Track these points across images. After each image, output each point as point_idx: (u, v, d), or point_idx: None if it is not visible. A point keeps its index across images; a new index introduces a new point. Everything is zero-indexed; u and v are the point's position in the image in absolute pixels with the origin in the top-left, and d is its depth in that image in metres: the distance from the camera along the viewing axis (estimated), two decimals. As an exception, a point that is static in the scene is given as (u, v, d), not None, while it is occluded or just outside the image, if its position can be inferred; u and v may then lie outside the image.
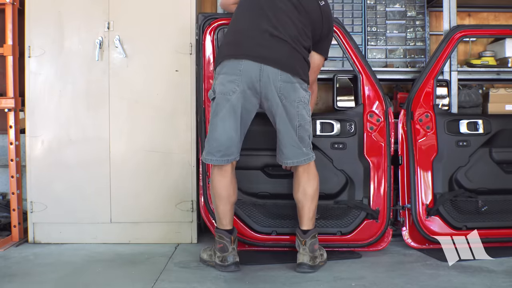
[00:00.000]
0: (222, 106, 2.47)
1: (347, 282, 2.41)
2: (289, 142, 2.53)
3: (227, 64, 2.49)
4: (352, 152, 2.87)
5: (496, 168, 2.97)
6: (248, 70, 2.45)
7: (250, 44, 2.48)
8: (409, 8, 3.50)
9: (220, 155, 2.51)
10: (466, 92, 3.29)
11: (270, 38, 2.48)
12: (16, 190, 3.09)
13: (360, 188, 2.88)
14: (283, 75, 2.48)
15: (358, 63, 2.89)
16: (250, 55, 2.46)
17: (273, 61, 2.46)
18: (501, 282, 2.38)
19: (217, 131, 2.50)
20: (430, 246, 2.91)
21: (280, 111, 2.50)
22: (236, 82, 2.45)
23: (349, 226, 2.85)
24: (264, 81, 2.46)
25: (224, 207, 2.57)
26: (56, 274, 2.55)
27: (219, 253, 2.54)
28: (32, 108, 3.06)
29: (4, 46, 3.04)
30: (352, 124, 2.89)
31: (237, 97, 2.45)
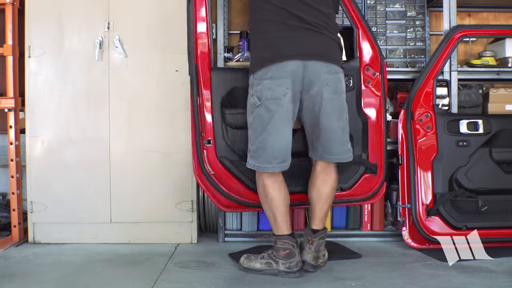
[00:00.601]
0: (274, 111, 2.40)
1: (347, 282, 2.41)
2: (335, 137, 2.49)
3: (271, 68, 2.40)
4: (351, 107, 2.76)
5: (496, 168, 2.97)
6: (294, 71, 2.39)
7: (288, 43, 2.41)
8: (409, 8, 3.50)
9: (278, 162, 2.44)
10: (466, 92, 3.29)
11: (306, 33, 2.42)
12: (16, 190, 3.09)
13: (359, 143, 2.83)
14: (329, 66, 2.44)
15: (355, 16, 2.81)
16: (293, 55, 2.39)
17: (315, 55, 2.42)
18: (501, 282, 2.38)
19: (272, 138, 2.42)
20: (430, 246, 2.91)
21: (329, 105, 2.45)
22: (285, 85, 2.39)
23: (349, 181, 2.84)
24: (309, 77, 2.41)
25: (283, 212, 2.50)
26: (56, 274, 2.55)
27: (285, 260, 2.47)
28: (32, 108, 3.06)
29: (4, 46, 3.04)
30: (350, 79, 2.79)
31: (288, 100, 2.40)
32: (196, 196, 3.11)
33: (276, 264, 2.49)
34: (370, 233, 3.20)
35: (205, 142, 2.72)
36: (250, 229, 3.21)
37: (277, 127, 2.41)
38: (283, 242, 2.48)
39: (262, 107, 2.42)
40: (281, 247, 2.49)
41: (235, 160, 2.75)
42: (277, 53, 2.41)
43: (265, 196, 2.50)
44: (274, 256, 2.50)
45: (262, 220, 3.21)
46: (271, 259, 2.51)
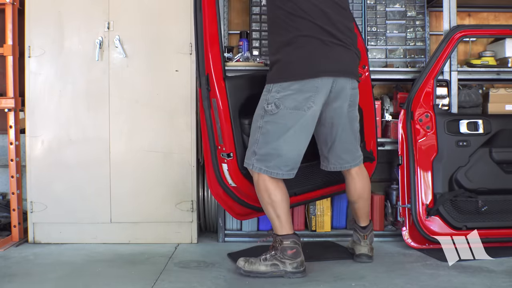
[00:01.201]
0: (295, 121, 2.42)
1: (347, 282, 2.41)
2: (350, 146, 2.61)
3: (301, 82, 2.41)
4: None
5: (496, 168, 2.97)
6: (323, 86, 2.43)
7: (322, 59, 2.43)
8: (409, 8, 3.50)
9: (288, 170, 2.47)
10: (466, 92, 3.29)
11: (338, 49, 2.47)
12: (16, 190, 3.09)
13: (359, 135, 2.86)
14: (353, 83, 2.54)
15: None
16: (325, 71, 2.42)
17: (345, 71, 2.49)
18: (501, 282, 2.38)
19: (288, 147, 2.44)
20: (430, 246, 2.91)
21: (345, 118, 2.54)
22: (312, 99, 2.42)
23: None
24: (335, 91, 2.47)
25: (286, 211, 2.51)
26: (56, 274, 2.55)
27: (292, 259, 2.46)
28: (32, 108, 3.06)
29: (4, 46, 3.04)
30: None
31: (312, 113, 2.43)
32: (196, 196, 3.11)
33: (283, 265, 2.47)
34: (370, 233, 3.20)
35: (225, 156, 2.62)
36: (250, 229, 3.21)
37: (296, 137, 2.45)
38: (290, 241, 2.48)
39: (280, 115, 2.42)
40: (288, 246, 2.48)
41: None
42: (310, 68, 2.42)
43: (268, 197, 2.50)
44: (279, 256, 2.48)
45: (262, 220, 3.21)
46: (276, 260, 2.48)
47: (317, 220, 3.19)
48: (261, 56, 3.46)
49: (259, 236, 3.16)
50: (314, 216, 3.19)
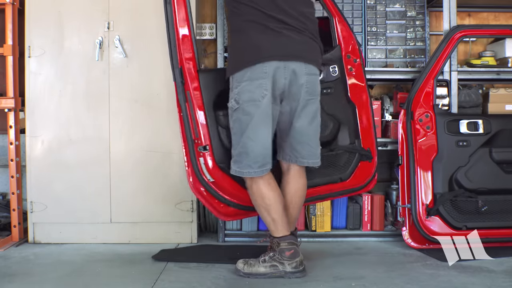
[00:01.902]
0: (253, 113, 2.36)
1: (347, 282, 2.41)
2: (309, 141, 2.49)
3: (250, 70, 2.37)
4: (339, 95, 2.76)
5: (496, 168, 2.97)
6: (276, 72, 2.37)
7: (270, 44, 2.38)
8: (409, 8, 3.50)
9: (258, 166, 2.41)
10: (466, 92, 3.29)
11: (286, 33, 2.40)
12: (16, 190, 3.09)
13: (352, 131, 2.81)
14: (308, 67, 2.44)
15: (331, 5, 2.79)
16: (275, 55, 2.37)
17: (296, 55, 2.40)
18: (501, 282, 2.38)
19: (252, 142, 2.39)
20: (430, 246, 2.91)
21: (305, 108, 2.44)
22: (264, 86, 2.35)
23: (347, 171, 2.80)
24: (289, 78, 2.39)
25: (281, 213, 2.47)
26: (56, 274, 2.55)
27: (290, 260, 2.45)
28: (32, 108, 3.06)
29: (4, 46, 3.04)
30: (335, 67, 2.75)
31: (267, 101, 2.37)
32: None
33: (282, 266, 2.46)
34: (370, 233, 3.20)
35: (201, 149, 2.61)
36: (250, 229, 3.21)
37: (256, 130, 2.38)
38: (288, 243, 2.47)
39: (240, 110, 2.39)
40: (286, 248, 2.46)
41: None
42: (257, 54, 2.37)
43: (262, 200, 2.47)
44: (278, 258, 2.47)
45: (261, 220, 3.20)
46: (275, 261, 2.47)
47: (317, 220, 3.19)
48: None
49: (259, 236, 3.16)
50: (314, 216, 3.19)
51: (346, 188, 2.84)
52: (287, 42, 2.41)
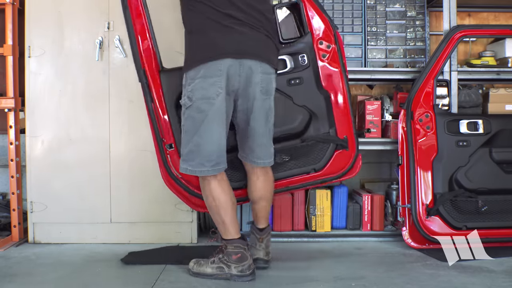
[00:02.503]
0: (206, 112, 2.34)
1: (347, 282, 2.41)
2: (263, 140, 2.47)
3: (204, 67, 2.34)
4: (310, 85, 2.70)
5: (496, 168, 2.97)
6: (229, 69, 2.34)
7: (223, 41, 2.35)
8: (409, 8, 3.50)
9: (212, 165, 2.38)
10: (466, 92, 3.29)
11: (241, 31, 2.37)
12: (16, 190, 3.09)
13: (325, 120, 2.75)
14: (263, 66, 2.41)
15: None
16: (229, 53, 2.34)
17: (250, 53, 2.38)
18: (501, 282, 2.38)
19: (205, 140, 2.36)
20: (430, 246, 2.91)
21: (259, 106, 2.42)
22: (218, 84, 2.33)
23: (321, 161, 2.76)
24: (244, 76, 2.37)
25: (232, 216, 2.45)
26: (56, 274, 2.55)
27: (237, 263, 2.41)
28: (32, 108, 3.06)
29: (4, 46, 3.04)
30: (304, 56, 2.69)
31: (221, 99, 2.34)
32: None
33: (228, 268, 2.43)
34: (370, 233, 3.20)
35: (167, 147, 2.66)
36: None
37: (210, 129, 2.35)
38: (234, 246, 2.43)
39: (193, 108, 2.36)
40: (233, 251, 2.42)
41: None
42: (211, 51, 2.35)
43: (212, 200, 2.43)
44: (225, 260, 2.43)
45: (262, 220, 3.21)
46: (223, 263, 2.44)
47: (317, 220, 3.19)
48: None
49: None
50: (314, 216, 3.19)
51: (322, 178, 2.80)
52: (242, 39, 2.38)
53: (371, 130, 3.21)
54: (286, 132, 2.69)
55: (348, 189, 3.31)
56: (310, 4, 2.69)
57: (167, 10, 3.01)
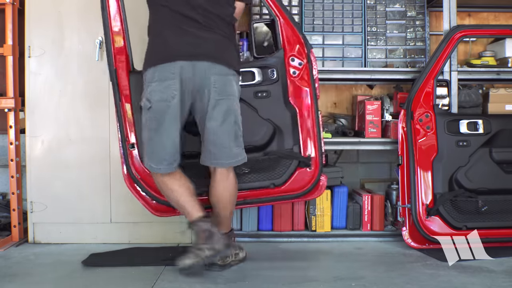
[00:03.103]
0: (163, 113, 2.40)
1: (347, 282, 2.41)
2: (222, 141, 2.45)
3: (158, 69, 2.40)
4: (277, 99, 2.71)
5: (496, 168, 2.97)
6: (183, 72, 2.39)
7: (177, 43, 2.42)
8: (409, 8, 3.50)
9: (167, 164, 2.45)
10: (466, 92, 3.29)
11: (196, 34, 2.42)
12: (16, 190, 3.09)
13: (289, 136, 2.74)
14: (217, 67, 2.43)
15: (275, 6, 2.72)
16: (182, 55, 2.40)
17: (204, 55, 2.41)
18: (501, 282, 2.39)
19: (160, 141, 2.43)
20: (430, 246, 2.91)
21: (214, 107, 2.42)
22: (173, 87, 2.39)
23: (282, 177, 2.73)
24: (198, 77, 2.41)
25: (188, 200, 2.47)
26: (56, 274, 2.55)
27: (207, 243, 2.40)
28: (32, 108, 3.06)
29: (4, 46, 3.04)
30: (274, 71, 2.72)
31: (176, 102, 2.40)
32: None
33: (202, 252, 2.40)
34: (370, 233, 3.20)
35: (130, 147, 2.69)
36: (250, 229, 3.21)
37: (165, 130, 2.41)
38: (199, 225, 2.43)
39: (152, 110, 2.42)
40: (200, 230, 2.43)
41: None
42: (164, 54, 2.41)
43: (171, 191, 2.49)
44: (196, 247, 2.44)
45: (262, 220, 3.21)
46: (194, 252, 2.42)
47: (317, 220, 3.19)
48: (261, 56, 3.45)
49: (259, 236, 3.17)
50: (314, 216, 3.19)
51: (282, 195, 2.77)
52: (196, 41, 2.42)
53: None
54: (248, 144, 2.67)
55: (348, 189, 3.31)
56: (285, 22, 2.74)
57: (144, 10, 3.00)
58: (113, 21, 2.67)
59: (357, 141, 3.24)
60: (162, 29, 2.47)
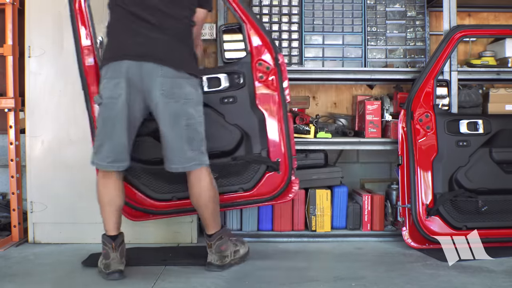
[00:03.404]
0: (110, 111, 2.41)
1: (347, 282, 2.41)
2: (173, 145, 2.44)
3: (109, 67, 2.43)
4: (244, 104, 2.72)
5: (496, 168, 2.97)
6: (129, 71, 2.39)
7: (127, 43, 2.42)
8: (409, 8, 3.50)
9: (109, 161, 2.44)
10: (466, 92, 3.29)
11: (147, 33, 2.41)
12: (16, 190, 3.09)
13: (257, 140, 2.75)
14: (164, 69, 2.39)
15: (241, 11, 2.74)
16: (129, 55, 2.40)
17: (151, 56, 2.39)
18: (501, 282, 2.39)
19: (106, 137, 2.44)
20: (430, 246, 2.91)
21: (163, 110, 2.41)
22: (120, 85, 2.39)
23: (250, 181, 2.76)
24: (146, 79, 2.39)
25: (107, 210, 2.50)
26: (56, 274, 2.55)
27: (104, 259, 2.47)
28: (32, 108, 3.06)
29: (4, 46, 3.04)
30: (240, 76, 2.74)
31: (122, 101, 2.39)
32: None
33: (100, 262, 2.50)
34: (370, 233, 3.20)
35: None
36: (250, 229, 3.21)
37: (111, 128, 2.42)
38: (103, 242, 2.49)
39: (102, 106, 2.45)
40: (102, 246, 2.50)
41: (130, 168, 2.68)
42: (115, 52, 2.44)
43: (97, 193, 2.53)
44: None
45: (262, 221, 3.21)
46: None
47: (317, 220, 3.19)
48: (261, 56, 3.45)
49: (259, 236, 3.16)
50: (314, 216, 3.19)
51: (252, 199, 2.78)
52: (145, 42, 2.41)
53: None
54: (216, 149, 2.69)
55: (348, 189, 3.31)
56: (252, 26, 2.76)
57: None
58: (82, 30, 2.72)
59: (357, 141, 3.24)
60: (115, 28, 2.50)
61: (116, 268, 2.44)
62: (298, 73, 3.27)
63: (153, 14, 2.43)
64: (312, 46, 3.48)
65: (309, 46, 3.49)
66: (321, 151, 3.30)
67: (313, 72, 3.30)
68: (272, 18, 3.47)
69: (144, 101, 2.44)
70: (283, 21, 3.47)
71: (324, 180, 3.25)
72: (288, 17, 3.47)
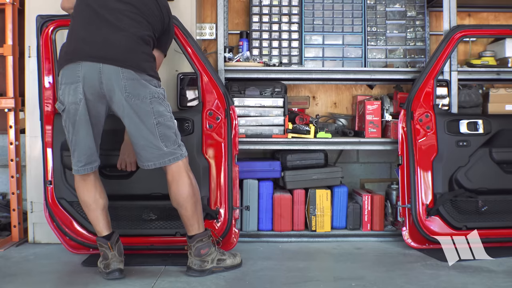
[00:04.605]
0: (73, 116, 2.38)
1: (347, 282, 2.41)
2: (145, 143, 2.41)
3: (66, 71, 2.37)
4: (190, 151, 2.67)
5: (496, 168, 2.97)
6: (87, 74, 2.33)
7: (86, 46, 2.36)
8: (409, 8, 3.51)
9: (82, 165, 2.45)
10: (466, 92, 3.29)
11: (107, 36, 2.36)
12: (16, 190, 3.09)
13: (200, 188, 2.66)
14: (125, 72, 2.34)
15: (197, 61, 2.81)
16: (87, 56, 2.33)
17: (112, 58, 2.34)
18: (501, 282, 2.39)
19: (75, 143, 2.43)
20: (430, 246, 2.91)
21: (128, 111, 2.37)
22: (79, 90, 2.34)
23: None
24: (106, 82, 2.34)
25: (93, 213, 2.50)
26: (56, 274, 2.55)
27: (103, 259, 2.48)
28: (32, 108, 3.06)
29: (4, 46, 3.04)
30: (189, 123, 2.81)
31: (84, 105, 2.35)
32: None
33: (100, 263, 2.50)
34: (370, 233, 3.20)
35: (47, 183, 2.81)
36: (250, 229, 3.21)
37: (78, 132, 2.41)
38: (99, 244, 2.49)
39: (65, 112, 2.41)
40: (100, 249, 2.50)
41: (73, 201, 2.76)
42: (73, 55, 2.37)
43: (78, 198, 2.53)
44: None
45: (262, 221, 3.21)
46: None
47: (317, 220, 3.19)
48: (261, 56, 3.46)
49: (260, 236, 3.17)
50: (314, 216, 3.19)
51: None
52: (105, 44, 2.35)
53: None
54: (158, 192, 2.77)
55: (348, 189, 3.31)
56: (208, 77, 2.85)
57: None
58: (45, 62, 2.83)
59: (357, 141, 3.24)
60: (76, 27, 2.43)
61: (116, 267, 2.44)
62: (298, 73, 3.27)
63: (116, 16, 2.38)
64: (312, 46, 3.49)
65: (309, 46, 3.49)
66: (321, 151, 3.30)
67: (313, 72, 3.30)
68: (272, 18, 3.47)
69: (106, 103, 2.41)
70: (283, 21, 3.48)
71: (324, 180, 3.25)
72: (288, 17, 3.47)
